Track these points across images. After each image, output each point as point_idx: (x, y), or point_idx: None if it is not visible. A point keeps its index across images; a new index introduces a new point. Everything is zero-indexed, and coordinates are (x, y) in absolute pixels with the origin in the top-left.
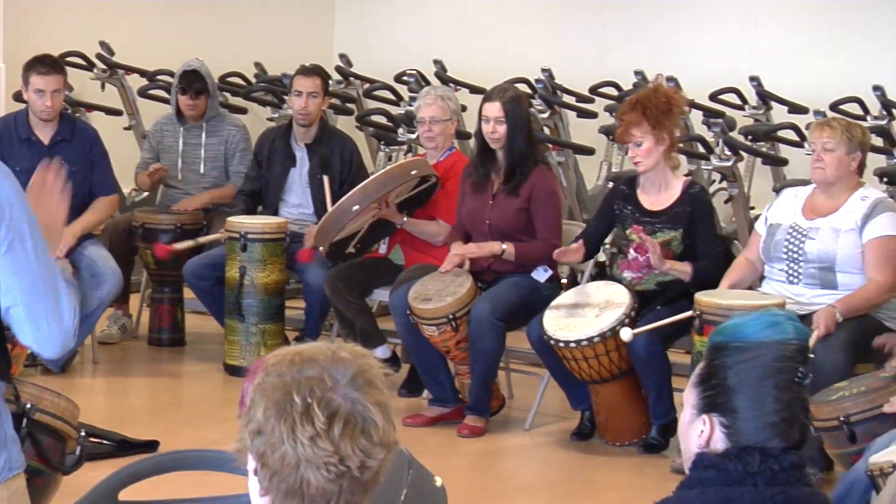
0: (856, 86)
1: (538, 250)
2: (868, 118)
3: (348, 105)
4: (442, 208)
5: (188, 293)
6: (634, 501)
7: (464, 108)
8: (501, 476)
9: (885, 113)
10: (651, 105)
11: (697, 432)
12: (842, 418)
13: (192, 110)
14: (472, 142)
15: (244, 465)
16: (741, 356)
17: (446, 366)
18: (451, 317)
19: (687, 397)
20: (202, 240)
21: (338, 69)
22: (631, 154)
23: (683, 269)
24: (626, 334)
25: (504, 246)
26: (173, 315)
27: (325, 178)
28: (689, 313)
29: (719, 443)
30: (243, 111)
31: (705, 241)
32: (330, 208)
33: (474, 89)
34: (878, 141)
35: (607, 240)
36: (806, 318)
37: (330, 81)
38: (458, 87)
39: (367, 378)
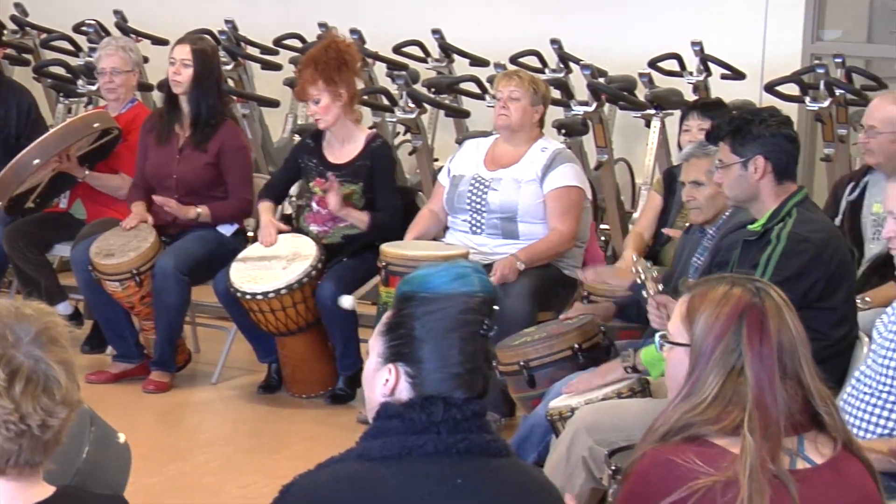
0: (534, 39)
1: (232, 208)
2: (546, 71)
3: (25, 56)
4: (124, 161)
5: None
6: (322, 453)
7: (146, 60)
8: (188, 431)
9: (562, 66)
10: (323, 62)
11: (382, 381)
12: (522, 363)
13: None
14: (155, 94)
15: None
16: (428, 307)
17: (130, 321)
18: (134, 272)
19: (373, 345)
20: None
21: (13, 18)
22: (310, 111)
23: (360, 217)
24: (346, 302)
25: (199, 210)
26: None
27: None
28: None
29: (404, 392)
30: None
31: (384, 194)
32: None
33: (156, 40)
34: (555, 93)
35: (293, 191)
36: (489, 268)
37: (5, 31)
38: (140, 39)
39: (50, 336)
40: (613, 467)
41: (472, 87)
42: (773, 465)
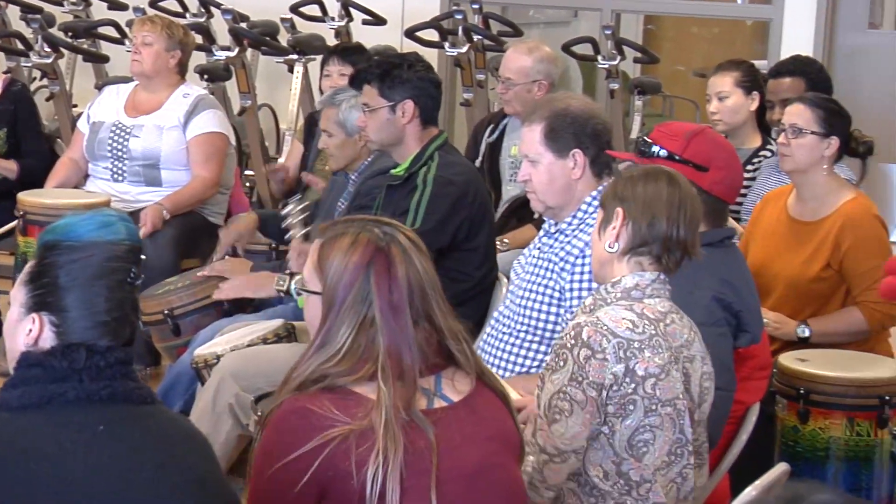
0: None
1: None
2: (187, 16)
3: None
4: None
5: None
6: None
7: None
8: None
9: (203, 10)
10: None
11: (26, 331)
12: (166, 311)
13: None
14: None
15: None
16: (73, 255)
17: None
18: None
19: (15, 295)
20: None
21: None
22: None
23: (8, 167)
24: None
25: None
26: None
27: None
28: (12, 224)
29: (48, 342)
30: None
31: (31, 139)
32: None
33: None
34: (197, 38)
35: None
36: (133, 216)
37: None
38: None
39: None
40: (259, 413)
41: (110, 31)
42: (408, 412)
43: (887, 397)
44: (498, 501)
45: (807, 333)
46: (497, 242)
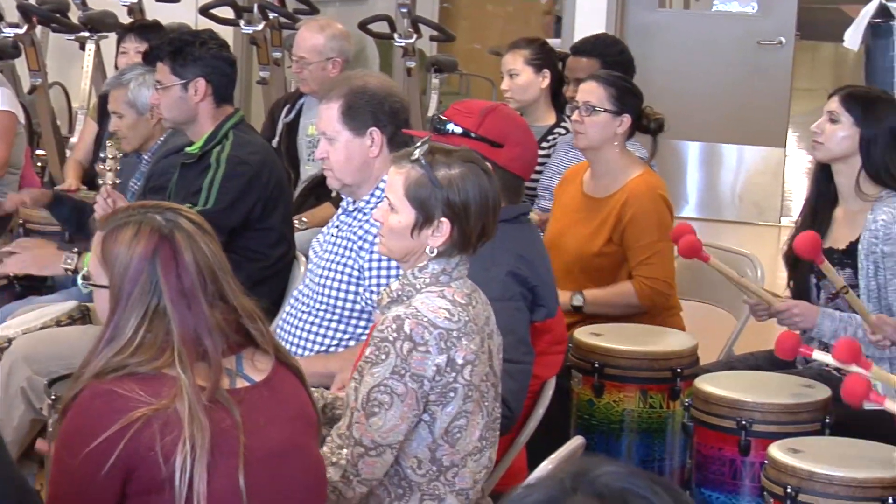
0: None
1: None
2: None
3: None
4: None
5: None
6: None
7: None
8: None
9: None
10: None
11: None
12: None
13: None
14: None
15: None
16: None
17: None
18: None
19: None
20: None
21: None
22: None
23: None
24: None
25: None
26: None
27: None
28: None
29: None
30: None
31: None
32: None
33: None
34: None
35: None
36: None
37: None
38: None
39: None
40: (53, 396)
41: None
42: (213, 394)
43: (679, 370)
44: (301, 481)
45: (580, 302)
46: (295, 221)
